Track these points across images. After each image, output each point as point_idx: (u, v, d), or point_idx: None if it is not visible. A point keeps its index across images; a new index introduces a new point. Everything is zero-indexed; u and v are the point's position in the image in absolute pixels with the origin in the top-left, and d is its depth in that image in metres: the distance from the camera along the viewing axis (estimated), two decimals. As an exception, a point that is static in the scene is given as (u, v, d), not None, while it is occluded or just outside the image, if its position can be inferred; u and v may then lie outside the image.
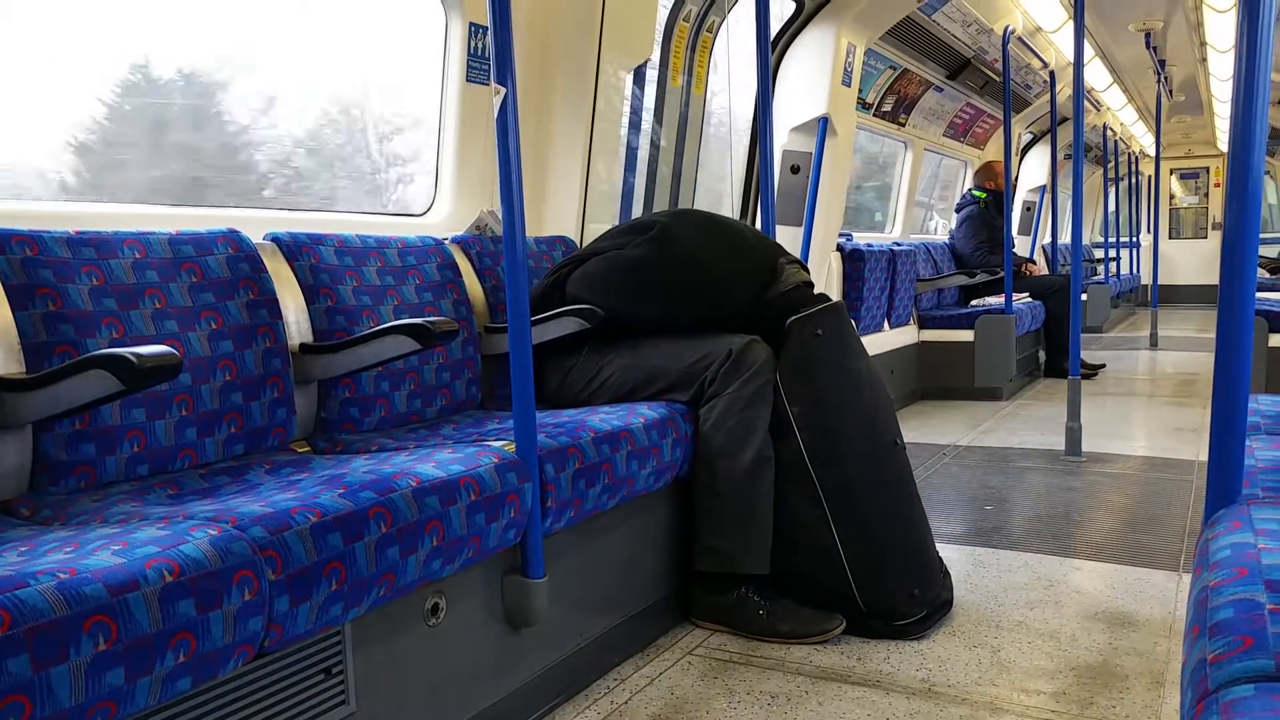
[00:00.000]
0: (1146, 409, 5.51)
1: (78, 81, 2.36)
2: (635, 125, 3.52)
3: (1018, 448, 4.40)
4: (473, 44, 2.93)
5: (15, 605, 1.07)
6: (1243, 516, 1.28)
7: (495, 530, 1.76)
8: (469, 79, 2.94)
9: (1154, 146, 9.98)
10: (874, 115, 5.96)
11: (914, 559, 2.37)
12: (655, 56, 3.67)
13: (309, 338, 2.19)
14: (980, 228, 6.60)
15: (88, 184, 2.45)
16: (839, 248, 5.16)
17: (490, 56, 2.14)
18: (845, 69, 4.74)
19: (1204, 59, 8.07)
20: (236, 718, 1.43)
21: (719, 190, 4.68)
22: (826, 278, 4.95)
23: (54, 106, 2.34)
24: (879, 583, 2.31)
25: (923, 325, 5.90)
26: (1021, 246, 9.33)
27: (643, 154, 3.88)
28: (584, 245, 3.02)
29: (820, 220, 4.67)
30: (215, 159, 2.79)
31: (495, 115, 1.82)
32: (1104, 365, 7.06)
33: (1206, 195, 14.73)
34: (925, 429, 4.88)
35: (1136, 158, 12.37)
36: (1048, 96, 7.38)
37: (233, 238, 2.07)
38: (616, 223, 3.36)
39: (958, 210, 6.92)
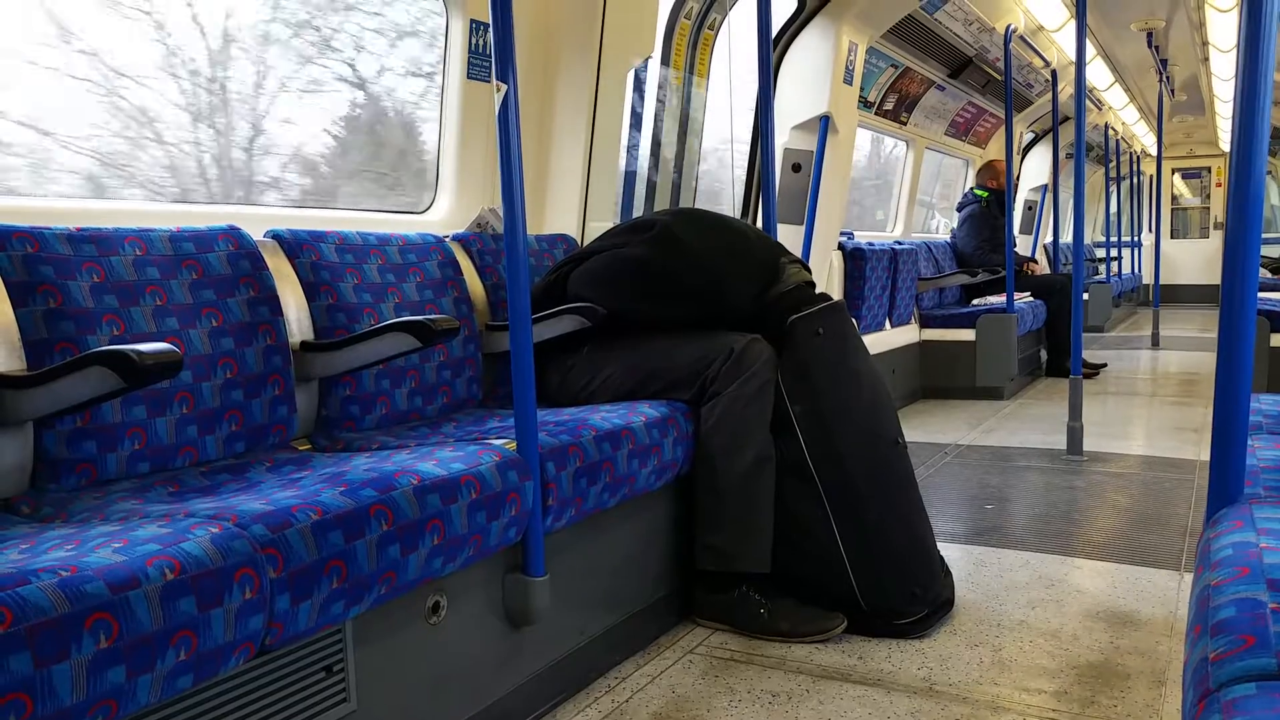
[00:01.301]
0: (1148, 408, 5.50)
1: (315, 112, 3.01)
2: (636, 123, 3.52)
3: (1019, 447, 4.39)
4: (474, 41, 2.92)
5: (17, 603, 1.07)
6: (1244, 516, 1.28)
7: (496, 528, 1.75)
8: (470, 76, 2.94)
9: (1156, 146, 9.96)
10: (875, 114, 5.96)
11: (915, 558, 2.37)
12: (656, 54, 3.67)
13: (310, 335, 2.19)
14: (982, 227, 6.59)
15: (325, 190, 3.10)
16: (840, 246, 5.16)
17: (492, 53, 2.14)
18: (847, 67, 4.74)
19: (1206, 58, 8.05)
20: (237, 715, 1.43)
21: (718, 189, 4.68)
22: (828, 277, 4.94)
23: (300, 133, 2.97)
24: (880, 581, 2.31)
25: (924, 324, 5.90)
26: (1023, 246, 9.33)
27: (644, 152, 3.88)
28: (585, 243, 3.01)
29: (821, 219, 4.66)
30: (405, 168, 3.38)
31: (497, 112, 1.82)
32: (1105, 365, 7.05)
33: (1208, 195, 14.71)
34: (926, 428, 4.88)
35: (1138, 157, 12.36)
36: (1049, 95, 7.38)
37: (233, 234, 2.07)
38: (617, 221, 3.36)
39: (959, 209, 6.91)
